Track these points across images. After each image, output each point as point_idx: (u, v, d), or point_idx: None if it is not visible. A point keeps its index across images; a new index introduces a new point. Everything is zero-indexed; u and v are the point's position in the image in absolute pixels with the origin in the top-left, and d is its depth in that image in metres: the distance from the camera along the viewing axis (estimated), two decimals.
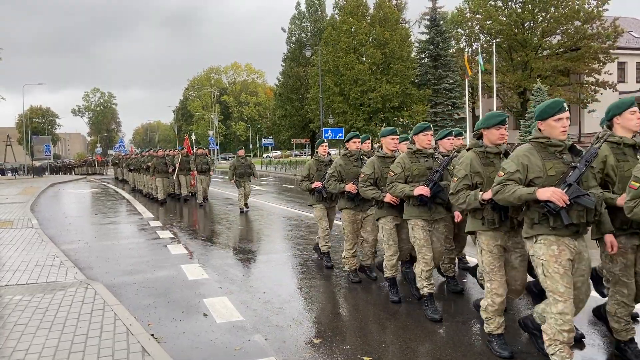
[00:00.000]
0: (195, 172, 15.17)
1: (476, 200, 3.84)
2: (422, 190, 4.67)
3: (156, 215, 13.19)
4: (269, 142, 58.18)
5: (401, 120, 38.94)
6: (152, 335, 4.37)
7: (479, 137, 4.12)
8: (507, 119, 4.01)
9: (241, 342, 4.31)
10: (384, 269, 5.35)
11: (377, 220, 5.35)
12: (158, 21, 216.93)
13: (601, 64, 34.66)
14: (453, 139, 5.74)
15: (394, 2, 43.49)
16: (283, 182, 26.61)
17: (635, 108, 3.75)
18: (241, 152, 13.77)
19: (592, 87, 35.20)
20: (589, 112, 37.82)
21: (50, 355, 3.91)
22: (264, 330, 4.55)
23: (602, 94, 35.95)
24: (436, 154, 5.07)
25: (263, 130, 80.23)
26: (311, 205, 7.16)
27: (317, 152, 7.20)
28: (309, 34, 52.92)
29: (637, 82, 39.35)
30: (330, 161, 6.88)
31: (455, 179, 4.01)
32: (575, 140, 37.65)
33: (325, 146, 7.19)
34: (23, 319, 4.75)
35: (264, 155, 68.13)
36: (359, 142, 6.12)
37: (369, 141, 6.71)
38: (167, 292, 5.93)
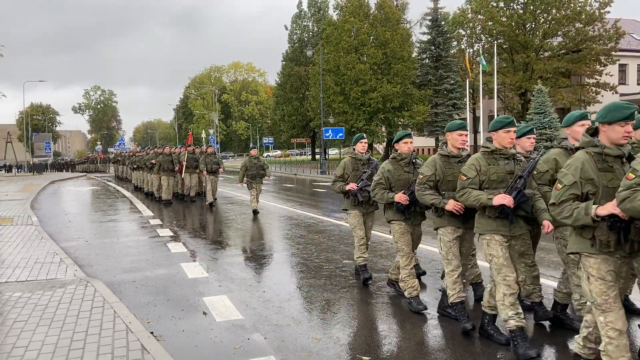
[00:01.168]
0: (206, 172, 14.34)
1: (587, 216, 3.04)
2: (503, 199, 3.83)
3: (156, 214, 13.20)
4: (270, 142, 58.27)
5: (401, 120, 38.98)
6: (152, 333, 4.37)
7: (594, 133, 3.30)
8: (635, 112, 3.18)
9: (240, 340, 4.31)
10: (449, 290, 4.55)
11: (435, 230, 4.64)
12: (163, 20, 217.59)
13: (602, 65, 34.69)
14: (534, 138, 4.75)
15: (396, 3, 43.49)
16: (283, 181, 26.61)
17: None
18: (254, 152, 12.79)
19: (593, 89, 35.23)
20: (590, 114, 37.77)
21: (49, 352, 3.91)
22: (264, 329, 4.55)
23: (602, 95, 35.97)
24: (518, 155, 4.22)
25: (264, 130, 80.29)
26: (345, 210, 6.30)
27: (353, 149, 6.27)
28: (310, 33, 52.92)
29: (638, 84, 39.37)
30: (369, 159, 6.15)
31: (560, 185, 3.21)
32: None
33: (365, 142, 6.19)
34: (23, 316, 4.76)
35: (264, 155, 68.22)
36: (411, 142, 5.22)
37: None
38: (167, 290, 5.93)
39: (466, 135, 4.62)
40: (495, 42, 34.74)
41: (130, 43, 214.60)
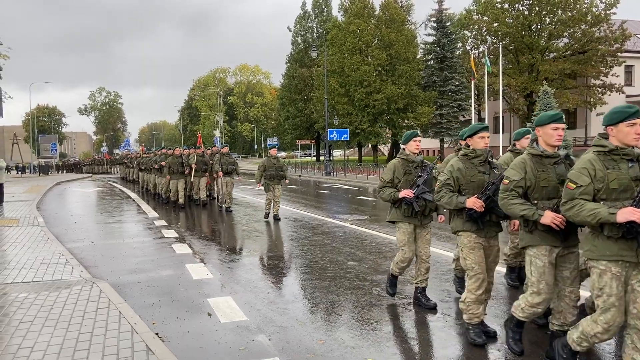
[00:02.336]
0: (221, 173, 13.41)
1: None
2: (632, 214, 2.95)
3: (161, 215, 13.23)
4: (274, 143, 58.41)
5: (406, 122, 38.96)
6: (157, 334, 4.39)
7: None
8: None
9: (245, 342, 4.32)
10: (519, 310, 3.84)
11: (524, 249, 3.77)
12: (174, 22, 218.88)
13: (608, 67, 34.59)
14: None
15: (400, 4, 43.49)
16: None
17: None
18: (273, 151, 11.78)
19: (600, 90, 35.11)
20: (597, 115, 37.71)
21: (55, 352, 3.92)
22: (268, 331, 4.56)
23: (610, 95, 35.80)
24: None
25: (268, 131, 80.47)
26: (393, 222, 5.22)
27: (404, 149, 5.17)
28: (315, 34, 52.97)
29: None
30: (423, 162, 5.10)
31: None
32: (581, 144, 37.59)
33: (419, 141, 5.10)
34: (28, 317, 4.77)
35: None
36: (487, 137, 4.28)
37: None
38: (172, 291, 5.94)
39: (563, 129, 3.67)
40: (501, 43, 34.66)
41: (140, 44, 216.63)
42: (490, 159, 4.29)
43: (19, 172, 46.34)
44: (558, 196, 3.51)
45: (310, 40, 52.31)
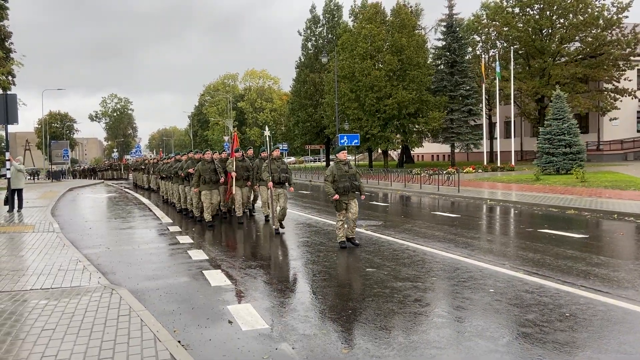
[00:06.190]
0: (272, 184, 10.61)
1: None
2: None
3: (174, 220, 13.23)
4: (284, 148, 58.39)
5: (417, 127, 38.83)
6: (179, 342, 4.35)
7: None
8: None
9: (268, 350, 4.26)
10: None
11: None
12: (201, 28, 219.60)
13: (621, 71, 34.34)
14: None
15: (410, 9, 43.45)
16: (298, 187, 26.57)
17: None
18: (343, 155, 8.83)
19: (612, 95, 34.83)
20: (610, 120, 37.43)
21: None
22: (291, 339, 4.50)
23: (621, 101, 35.53)
24: None
25: (278, 136, 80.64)
26: None
27: None
28: (325, 40, 53.02)
29: None
30: None
31: None
32: (593, 148, 37.22)
33: None
34: (50, 324, 4.75)
35: None
36: None
37: None
38: (191, 298, 5.91)
39: None
40: (512, 48, 34.55)
41: (163, 51, 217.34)
42: None
43: (52, 179, 45.57)
44: None
45: (321, 45, 52.36)
